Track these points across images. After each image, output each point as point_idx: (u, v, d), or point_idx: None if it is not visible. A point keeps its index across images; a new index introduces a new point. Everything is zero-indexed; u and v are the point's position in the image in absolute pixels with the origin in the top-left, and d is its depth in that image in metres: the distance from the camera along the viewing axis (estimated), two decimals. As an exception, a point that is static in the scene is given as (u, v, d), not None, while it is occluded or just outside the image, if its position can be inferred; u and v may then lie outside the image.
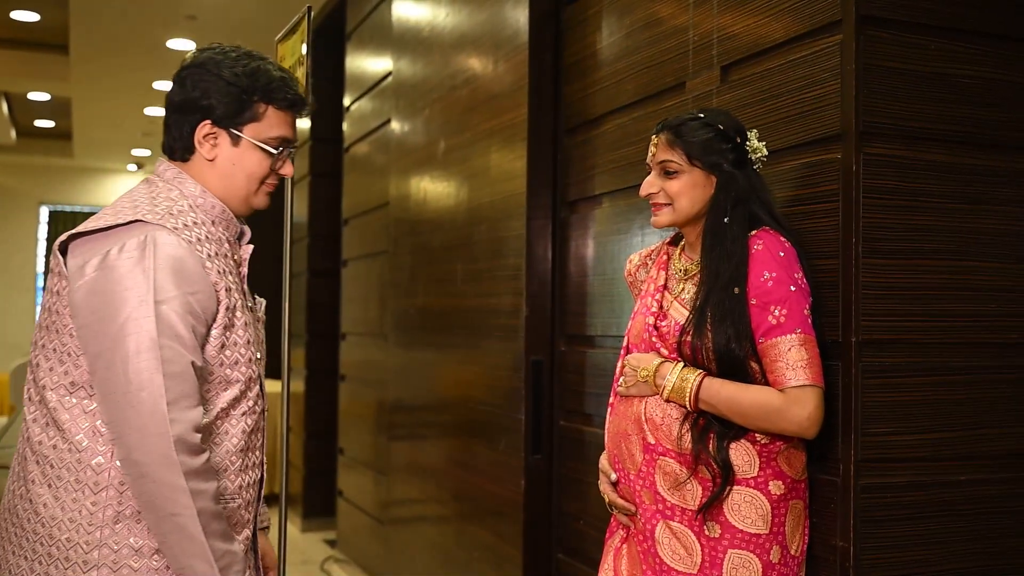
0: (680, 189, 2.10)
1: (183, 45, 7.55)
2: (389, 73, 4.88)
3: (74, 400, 1.82)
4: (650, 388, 2.07)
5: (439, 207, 4.13)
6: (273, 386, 6.96)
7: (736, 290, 1.97)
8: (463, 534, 3.81)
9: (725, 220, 2.05)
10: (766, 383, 1.98)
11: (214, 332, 1.86)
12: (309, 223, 6.64)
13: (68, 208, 14.10)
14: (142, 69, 8.35)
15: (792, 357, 1.94)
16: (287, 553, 5.58)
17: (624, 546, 2.18)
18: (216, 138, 1.96)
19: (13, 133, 11.82)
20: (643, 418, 2.08)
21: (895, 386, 2.06)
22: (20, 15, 7.70)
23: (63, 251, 1.85)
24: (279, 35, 3.16)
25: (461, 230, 3.88)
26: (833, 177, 2.10)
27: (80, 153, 12.66)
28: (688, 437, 2.01)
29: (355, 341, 5.56)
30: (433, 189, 4.20)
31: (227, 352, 1.89)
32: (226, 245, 1.96)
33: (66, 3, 6.82)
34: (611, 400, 2.23)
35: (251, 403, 1.96)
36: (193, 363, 1.79)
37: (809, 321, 1.97)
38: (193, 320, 1.81)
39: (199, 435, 1.78)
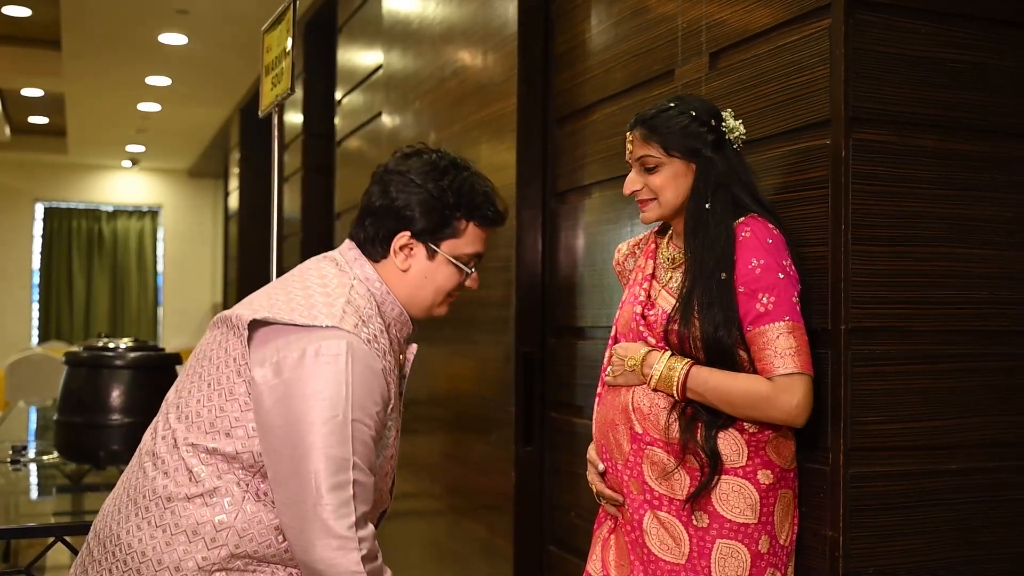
0: (663, 182, 2.07)
1: (175, 39, 7.53)
2: (380, 66, 4.85)
3: (213, 460, 1.79)
4: (637, 377, 2.05)
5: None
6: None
7: (723, 276, 1.95)
8: (455, 527, 3.78)
9: (706, 206, 2.02)
10: (754, 372, 1.96)
11: None
12: (302, 218, 6.61)
13: (63, 205, 14.06)
14: (134, 64, 8.32)
15: (780, 345, 1.92)
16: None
17: (612, 536, 2.16)
18: (412, 250, 1.92)
19: (7, 130, 11.78)
20: (631, 408, 2.06)
21: (885, 374, 2.03)
22: (11, 10, 7.66)
23: (241, 325, 1.80)
24: (265, 25, 3.14)
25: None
26: (822, 163, 2.08)
27: (74, 150, 12.62)
28: (676, 426, 1.99)
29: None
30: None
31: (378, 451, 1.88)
32: (395, 344, 1.94)
33: (57, -2, 6.80)
34: (599, 390, 2.21)
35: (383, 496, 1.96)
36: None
37: (797, 309, 1.95)
38: (376, 434, 1.81)
39: (375, 542, 1.79)
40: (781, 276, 1.94)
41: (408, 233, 1.91)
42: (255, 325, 1.80)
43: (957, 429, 2.09)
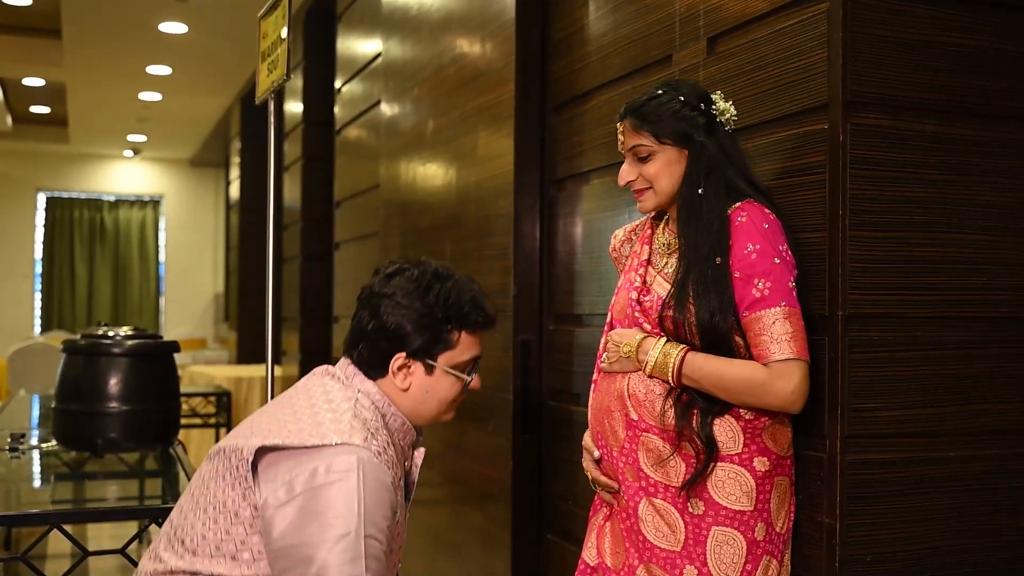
0: (657, 171, 2.06)
1: (175, 28, 7.51)
2: (379, 54, 4.83)
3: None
4: (633, 364, 2.04)
5: (428, 187, 4.09)
6: (258, 371, 6.94)
7: (718, 260, 1.93)
8: (454, 516, 3.78)
9: (699, 191, 2.01)
10: (751, 358, 1.95)
11: None
12: (302, 207, 6.60)
13: (65, 194, 14.06)
14: (135, 53, 8.30)
15: (776, 331, 1.90)
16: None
17: (607, 524, 2.15)
18: (410, 368, 1.93)
19: (9, 119, 11.78)
20: (626, 394, 2.05)
21: (882, 361, 2.02)
22: (12, -1, 7.66)
23: (248, 456, 1.81)
24: (261, 12, 3.12)
25: (450, 210, 3.84)
26: (820, 148, 2.06)
27: (76, 139, 12.62)
28: (671, 413, 1.98)
29: (348, 324, 5.51)
30: (422, 169, 4.16)
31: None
32: (400, 455, 1.95)
33: (57, -13, 6.78)
34: (595, 377, 2.19)
35: None
36: None
37: (794, 294, 1.93)
38: (387, 547, 1.81)
39: None
40: (777, 261, 1.93)
41: (404, 354, 1.92)
42: (262, 451, 1.81)
43: (955, 416, 2.07)
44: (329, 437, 1.78)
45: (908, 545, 2.02)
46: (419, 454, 2.05)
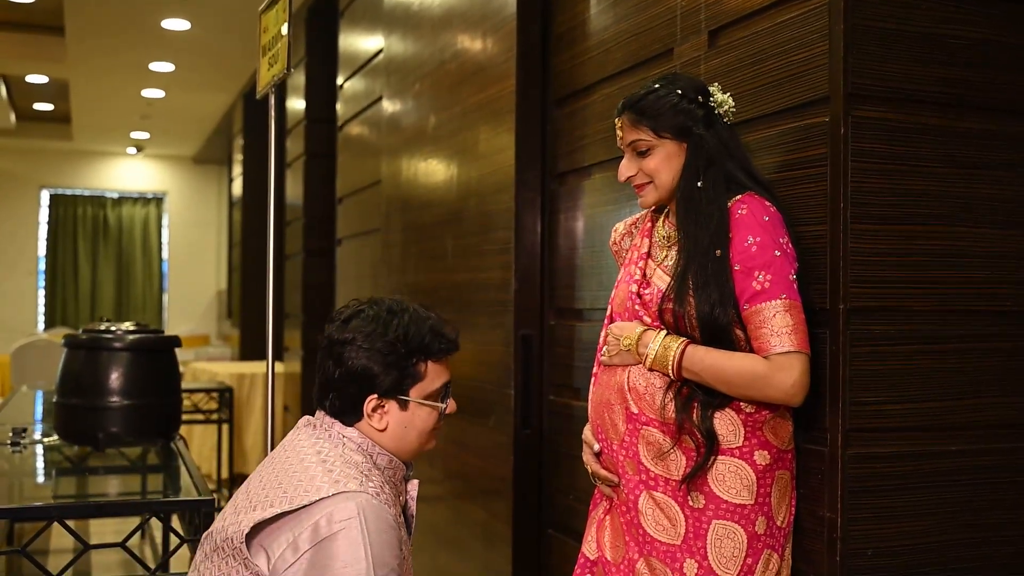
0: (657, 165, 2.05)
1: (177, 25, 7.50)
2: (381, 50, 4.83)
3: None
4: (633, 357, 2.03)
5: (429, 183, 4.09)
6: (261, 367, 6.93)
7: (718, 253, 1.93)
8: (455, 512, 3.77)
9: (698, 184, 2.00)
10: (751, 351, 1.94)
11: None
12: (304, 203, 6.60)
13: (69, 192, 14.07)
14: (138, 50, 8.30)
15: (777, 323, 1.90)
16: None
17: (607, 517, 2.14)
18: (384, 408, 1.93)
19: (13, 117, 11.78)
20: (626, 387, 2.04)
21: (884, 354, 2.01)
22: (15, -5, 7.66)
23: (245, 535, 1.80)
24: (262, 6, 3.12)
25: (451, 205, 3.84)
26: (821, 141, 2.05)
27: (79, 136, 12.62)
28: (672, 406, 1.97)
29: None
30: (424, 165, 4.16)
31: None
32: (393, 492, 1.95)
33: (59, -17, 6.78)
34: (595, 370, 2.19)
35: None
36: None
37: (795, 287, 1.92)
38: None
39: None
40: (778, 254, 1.92)
41: (375, 395, 1.92)
42: (258, 527, 1.79)
43: (957, 410, 2.06)
44: (324, 490, 1.78)
45: (910, 539, 2.02)
46: (412, 486, 2.05)
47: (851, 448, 1.98)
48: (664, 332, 2.00)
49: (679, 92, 2.04)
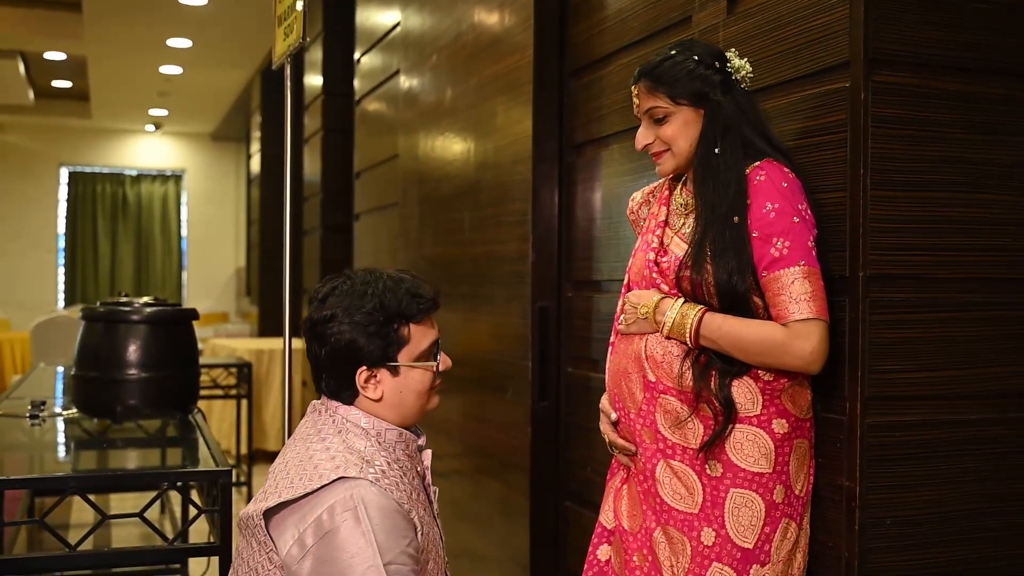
0: (674, 132, 2.03)
1: (195, 0, 7.48)
2: (397, 24, 4.80)
3: None
4: (650, 325, 2.02)
5: (446, 156, 4.07)
6: (278, 343, 6.93)
7: (736, 219, 1.91)
8: (475, 486, 3.78)
9: (716, 151, 1.98)
10: (769, 318, 1.92)
11: None
12: (322, 179, 6.59)
13: (87, 169, 14.12)
14: (155, 26, 8.29)
15: (795, 290, 1.88)
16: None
17: (624, 487, 2.13)
18: (376, 377, 1.94)
19: (31, 94, 11.81)
20: (643, 356, 2.03)
21: (904, 322, 1.99)
22: (31, -28, 7.66)
23: (262, 519, 1.85)
24: (276, -23, 3.10)
25: (468, 177, 3.82)
26: (841, 107, 2.03)
27: (98, 113, 12.65)
28: (689, 375, 1.96)
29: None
30: (441, 138, 4.14)
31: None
32: (407, 464, 1.96)
33: (76, -42, 6.77)
34: (612, 339, 2.17)
35: None
36: None
37: (813, 253, 1.91)
38: (416, 563, 1.82)
39: None
40: (796, 220, 1.90)
41: (364, 368, 1.93)
42: (270, 513, 1.84)
43: (977, 378, 2.04)
44: (326, 476, 1.81)
45: (929, 508, 2.00)
46: (426, 456, 2.06)
47: (870, 417, 1.96)
48: (682, 300, 1.98)
49: (695, 58, 2.02)
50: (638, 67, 2.09)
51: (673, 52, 2.04)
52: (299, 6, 2.92)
